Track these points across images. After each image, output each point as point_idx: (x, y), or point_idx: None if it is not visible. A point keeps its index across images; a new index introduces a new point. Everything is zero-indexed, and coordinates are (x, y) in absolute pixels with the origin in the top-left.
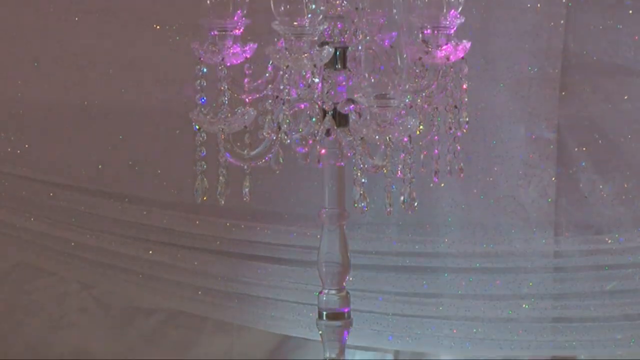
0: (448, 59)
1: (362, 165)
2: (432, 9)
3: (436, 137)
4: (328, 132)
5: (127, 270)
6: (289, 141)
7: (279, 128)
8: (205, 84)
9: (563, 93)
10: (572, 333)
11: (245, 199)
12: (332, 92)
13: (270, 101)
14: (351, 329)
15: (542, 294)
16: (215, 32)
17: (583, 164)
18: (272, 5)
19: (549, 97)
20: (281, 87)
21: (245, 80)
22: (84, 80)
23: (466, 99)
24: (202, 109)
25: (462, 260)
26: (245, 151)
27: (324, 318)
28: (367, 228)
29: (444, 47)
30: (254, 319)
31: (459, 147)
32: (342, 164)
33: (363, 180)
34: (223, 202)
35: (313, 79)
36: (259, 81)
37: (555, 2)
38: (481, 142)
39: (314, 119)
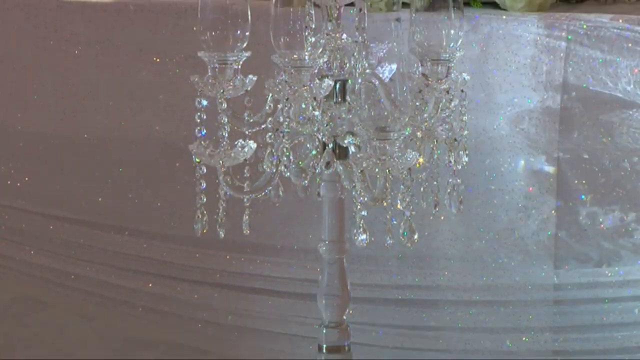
0: (448, 92)
1: (361, 198)
2: (432, 42)
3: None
4: (328, 165)
5: (127, 302)
6: (288, 174)
7: (279, 161)
8: (205, 116)
9: (563, 126)
10: None
11: (245, 232)
12: (332, 125)
13: (270, 134)
14: None
15: (542, 327)
16: (215, 65)
17: (583, 197)
18: (271, 38)
19: (548, 130)
20: (281, 119)
21: (245, 113)
22: (83, 112)
23: (466, 132)
24: (202, 142)
25: (462, 293)
26: (245, 184)
27: (324, 351)
28: (366, 261)
29: (444, 80)
30: (253, 352)
31: (458, 180)
32: (341, 196)
33: (363, 213)
34: (223, 235)
35: (313, 111)
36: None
37: (555, 35)
38: (481, 175)
39: (313, 152)
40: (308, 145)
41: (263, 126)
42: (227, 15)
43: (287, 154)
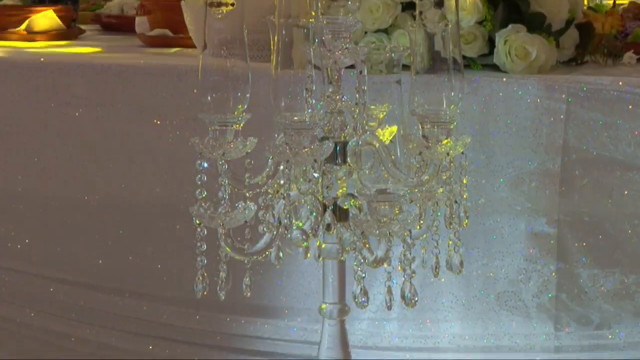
0: (448, 154)
1: (362, 260)
2: (432, 104)
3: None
4: (328, 227)
5: None
6: (289, 236)
7: (280, 223)
8: (205, 178)
9: (563, 188)
10: None
11: (245, 294)
12: (332, 187)
13: (270, 196)
14: None
15: None
16: (216, 127)
17: (583, 259)
18: (272, 100)
19: (549, 192)
20: (281, 181)
21: (246, 175)
22: (84, 174)
23: (466, 194)
24: (203, 204)
25: (463, 356)
26: (246, 246)
27: None
28: (367, 323)
29: (444, 142)
30: None
31: (459, 242)
32: (342, 258)
33: (363, 275)
34: (223, 297)
35: (313, 173)
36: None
37: (555, 97)
38: (481, 237)
39: (314, 214)
40: (308, 207)
41: (263, 188)
42: (228, 77)
43: (288, 216)
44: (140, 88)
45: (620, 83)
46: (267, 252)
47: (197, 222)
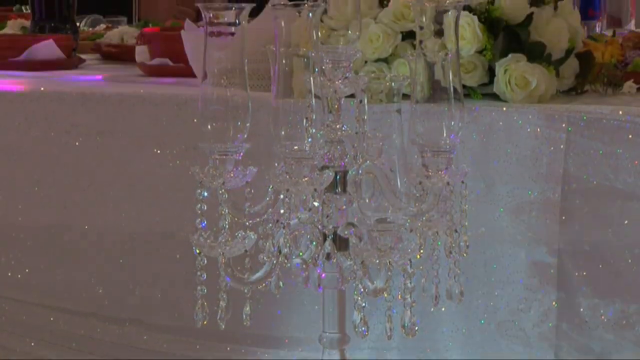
0: (448, 183)
1: (362, 289)
2: (432, 133)
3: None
4: (328, 256)
5: None
6: (289, 265)
7: (280, 252)
8: (205, 208)
9: (563, 217)
10: None
11: (245, 324)
12: (332, 216)
13: (270, 225)
14: None
15: None
16: (216, 156)
17: (584, 288)
18: (272, 129)
19: (549, 221)
20: (281, 211)
21: (246, 204)
22: (84, 203)
23: (466, 223)
24: (203, 233)
25: None
26: (246, 275)
27: None
28: (368, 352)
29: (444, 171)
30: None
31: (459, 271)
32: (342, 287)
33: (363, 304)
34: (223, 327)
35: (313, 202)
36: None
37: (555, 126)
38: (481, 266)
39: (314, 243)
40: (308, 237)
41: (264, 217)
42: (228, 106)
43: (288, 245)
44: (141, 117)
45: (621, 112)
46: (267, 281)
47: (197, 251)
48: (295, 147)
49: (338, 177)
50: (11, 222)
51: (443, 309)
